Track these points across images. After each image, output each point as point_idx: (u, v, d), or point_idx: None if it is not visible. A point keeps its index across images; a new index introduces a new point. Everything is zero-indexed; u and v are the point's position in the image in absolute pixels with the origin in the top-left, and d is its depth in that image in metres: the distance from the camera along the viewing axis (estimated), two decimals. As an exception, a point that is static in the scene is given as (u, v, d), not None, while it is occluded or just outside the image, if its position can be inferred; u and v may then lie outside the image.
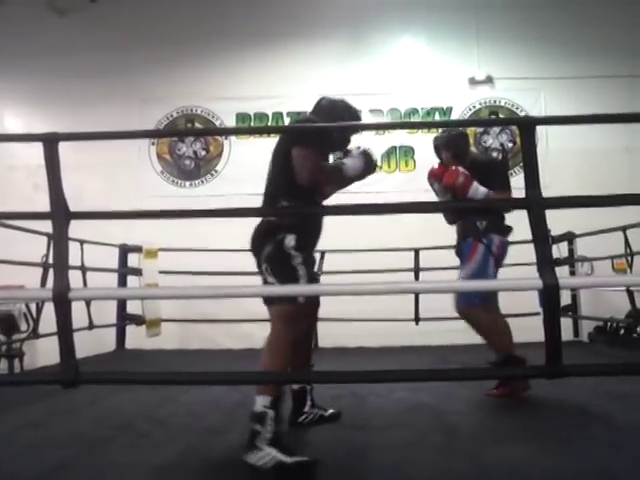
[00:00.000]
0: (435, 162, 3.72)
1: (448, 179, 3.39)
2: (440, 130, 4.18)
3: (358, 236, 6.62)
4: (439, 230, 5.98)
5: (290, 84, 8.01)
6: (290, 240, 2.54)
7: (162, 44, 7.89)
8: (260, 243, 2.63)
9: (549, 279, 1.81)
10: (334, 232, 6.40)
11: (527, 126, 2.01)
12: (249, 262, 2.75)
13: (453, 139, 3.66)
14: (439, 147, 3.71)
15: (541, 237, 1.89)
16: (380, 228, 6.18)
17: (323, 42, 8.07)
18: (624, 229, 5.29)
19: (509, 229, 3.53)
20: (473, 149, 3.93)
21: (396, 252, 6.29)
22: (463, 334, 6.23)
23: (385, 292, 2.22)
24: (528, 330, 5.68)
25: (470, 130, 7.96)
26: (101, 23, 8.02)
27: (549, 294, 1.83)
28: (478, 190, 3.33)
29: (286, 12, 7.98)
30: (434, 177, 3.61)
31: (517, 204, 2.11)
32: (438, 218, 3.71)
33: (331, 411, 3.05)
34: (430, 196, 3.74)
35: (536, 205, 1.89)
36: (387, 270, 5.78)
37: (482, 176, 3.38)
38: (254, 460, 2.23)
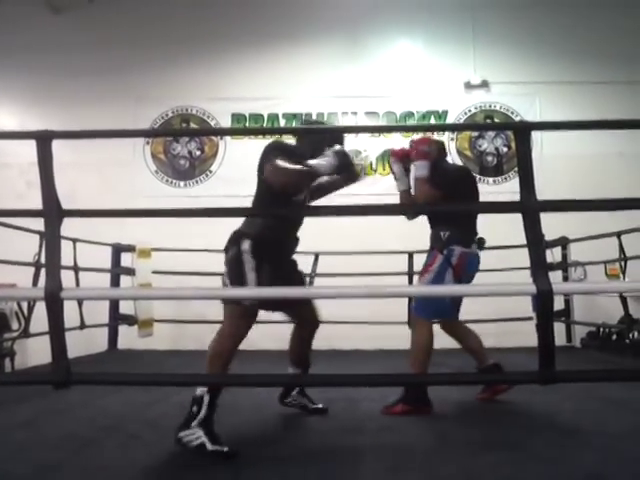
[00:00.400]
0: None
1: (421, 142, 3.47)
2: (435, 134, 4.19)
3: (353, 239, 6.63)
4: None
5: (286, 85, 8.01)
6: (245, 245, 2.75)
7: (158, 44, 7.88)
8: (226, 249, 2.86)
9: (543, 284, 1.80)
10: (329, 235, 6.50)
11: (522, 131, 2.01)
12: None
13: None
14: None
15: (535, 241, 1.89)
16: (374, 231, 6.20)
17: (319, 44, 8.07)
18: (619, 234, 5.30)
19: (480, 241, 3.47)
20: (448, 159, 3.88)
21: (391, 255, 6.29)
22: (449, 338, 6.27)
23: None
24: (520, 335, 5.74)
25: (465, 134, 7.99)
26: (97, 22, 8.01)
27: (543, 299, 1.82)
28: (420, 169, 3.38)
29: (283, 13, 7.98)
30: (396, 157, 3.69)
31: (512, 208, 2.10)
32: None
33: (317, 406, 3.23)
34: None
35: (531, 209, 1.89)
36: (381, 273, 5.78)
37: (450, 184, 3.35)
38: (182, 436, 2.48)
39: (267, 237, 2.78)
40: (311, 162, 2.65)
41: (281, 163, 2.64)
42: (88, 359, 5.48)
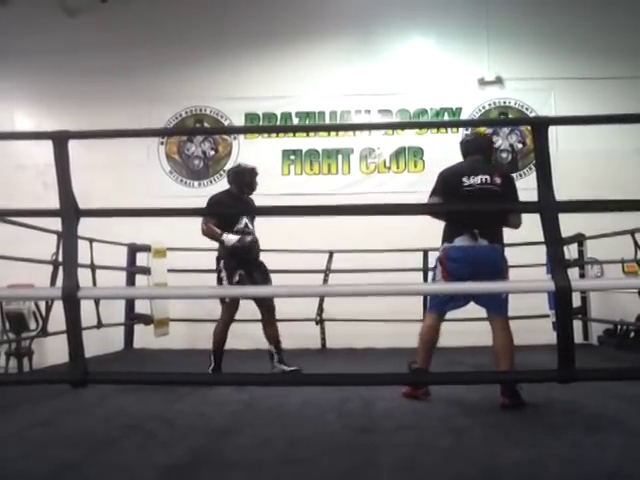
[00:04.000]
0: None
1: None
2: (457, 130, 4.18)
3: (369, 237, 6.62)
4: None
5: (299, 84, 8.01)
6: (221, 265, 4.52)
7: (171, 44, 7.91)
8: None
9: (561, 281, 1.78)
10: (344, 233, 6.49)
11: (540, 126, 1.99)
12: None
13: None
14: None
15: (553, 240, 1.87)
16: (391, 229, 6.17)
17: (332, 42, 8.06)
18: (632, 232, 5.23)
19: (468, 232, 3.41)
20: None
21: (406, 252, 6.27)
22: (472, 336, 6.22)
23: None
24: (536, 333, 5.69)
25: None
26: (111, 23, 8.05)
27: (561, 296, 1.80)
28: None
29: (295, 12, 7.98)
30: None
31: (530, 208, 2.08)
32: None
33: (291, 368, 4.48)
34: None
35: (549, 209, 1.86)
36: (395, 270, 5.77)
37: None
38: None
39: (233, 253, 4.43)
40: (224, 236, 4.42)
41: (205, 227, 4.46)
42: (104, 358, 5.51)
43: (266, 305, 4.57)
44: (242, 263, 4.43)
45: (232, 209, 4.64)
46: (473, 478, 2.16)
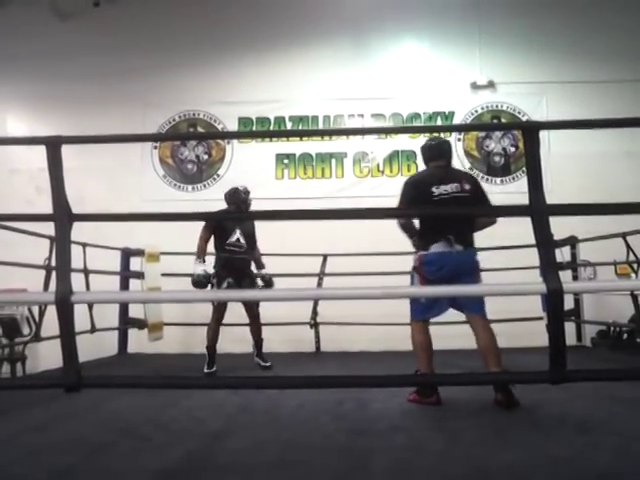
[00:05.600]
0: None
1: None
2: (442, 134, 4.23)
3: (363, 240, 6.63)
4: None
5: (292, 88, 8.03)
6: (215, 275, 5.07)
7: (165, 49, 7.92)
8: None
9: (553, 283, 1.80)
10: (338, 236, 6.49)
11: (531, 131, 2.00)
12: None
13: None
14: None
15: (545, 242, 1.89)
16: (385, 232, 6.16)
17: (325, 46, 8.08)
18: (624, 235, 5.27)
19: (444, 238, 3.46)
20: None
21: (401, 256, 6.27)
22: (464, 339, 6.23)
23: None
24: (531, 335, 5.71)
25: (472, 135, 7.98)
26: (104, 27, 8.04)
27: (553, 298, 1.82)
28: None
29: (287, 17, 8.00)
30: None
31: (521, 211, 2.09)
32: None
33: (266, 364, 5.18)
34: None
35: (539, 212, 1.88)
36: (390, 273, 5.77)
37: None
38: None
39: (224, 264, 5.10)
40: (195, 263, 5.02)
41: (198, 242, 5.11)
42: (98, 363, 5.50)
43: (251, 313, 5.27)
44: (231, 273, 5.08)
45: (227, 219, 5.31)
46: (467, 479, 2.17)
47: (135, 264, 6.62)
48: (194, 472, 2.31)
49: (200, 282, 4.91)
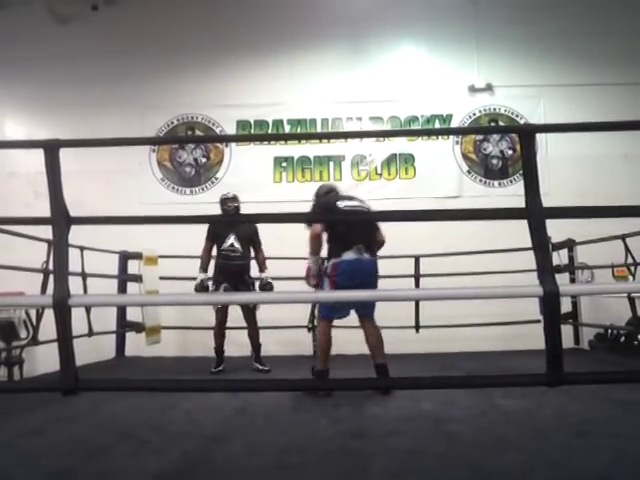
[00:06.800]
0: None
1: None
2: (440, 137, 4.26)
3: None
4: (441, 236, 5.97)
5: (290, 92, 8.04)
6: (212, 280, 5.29)
7: (163, 52, 7.92)
8: None
9: (549, 286, 1.80)
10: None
11: (527, 134, 2.01)
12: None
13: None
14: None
15: (541, 245, 1.89)
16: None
17: (323, 50, 8.10)
18: (623, 237, 5.29)
19: (355, 247, 3.93)
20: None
21: (397, 259, 6.28)
22: (464, 342, 6.24)
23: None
24: (528, 338, 5.71)
25: (470, 137, 8.00)
26: (102, 31, 8.05)
27: (549, 301, 1.82)
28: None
29: (287, 20, 8.02)
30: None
31: (518, 214, 2.10)
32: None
33: (264, 368, 5.24)
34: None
35: (536, 215, 1.89)
36: (387, 276, 5.77)
37: None
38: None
39: (221, 269, 5.27)
40: (198, 272, 5.24)
41: (202, 250, 5.34)
42: (96, 366, 5.49)
43: (249, 318, 5.35)
44: (227, 278, 5.23)
45: (223, 221, 5.45)
46: (464, 482, 2.17)
47: (133, 267, 6.60)
48: (192, 475, 2.31)
49: (196, 287, 5.12)
